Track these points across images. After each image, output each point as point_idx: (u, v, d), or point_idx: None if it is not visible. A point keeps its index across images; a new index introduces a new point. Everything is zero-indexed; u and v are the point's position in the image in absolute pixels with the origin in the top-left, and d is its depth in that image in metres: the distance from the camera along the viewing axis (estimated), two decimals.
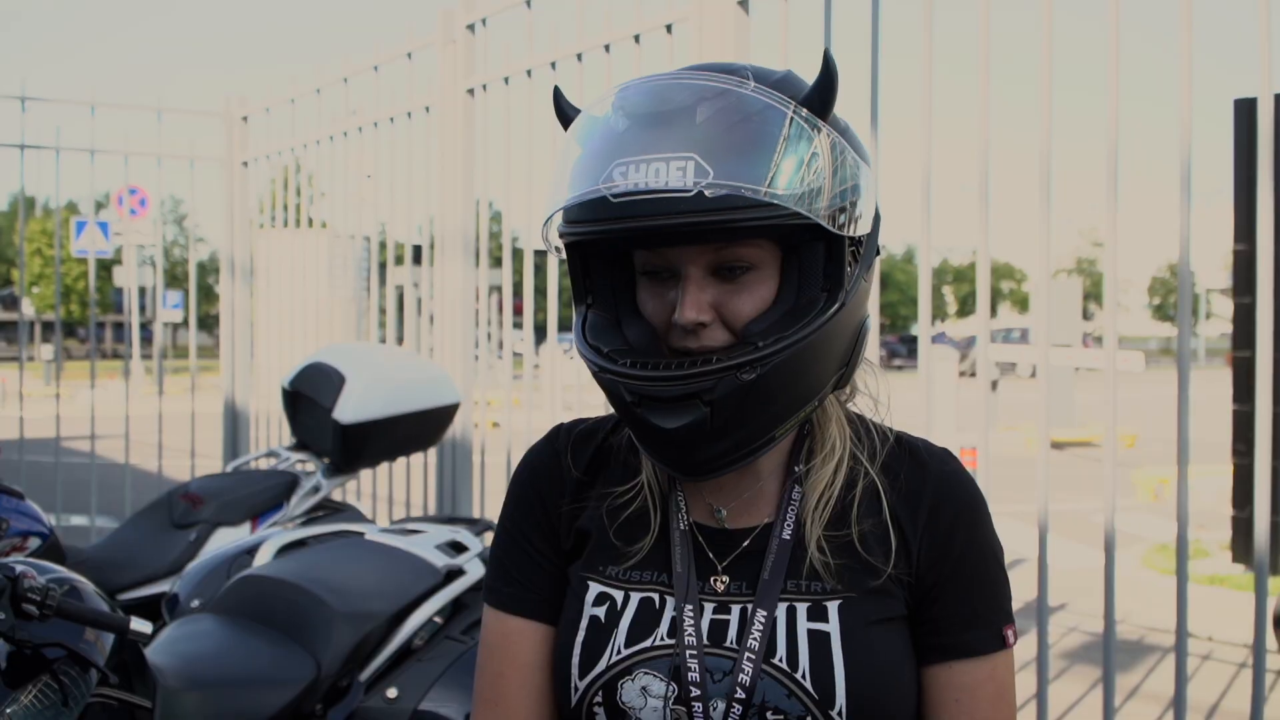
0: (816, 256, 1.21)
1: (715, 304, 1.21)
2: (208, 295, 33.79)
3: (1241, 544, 7.25)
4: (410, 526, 3.10)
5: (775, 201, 1.13)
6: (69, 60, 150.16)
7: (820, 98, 1.20)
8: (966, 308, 64.10)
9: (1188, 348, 2.53)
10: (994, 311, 62.96)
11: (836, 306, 1.20)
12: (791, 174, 1.15)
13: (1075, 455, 15.27)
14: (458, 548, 2.95)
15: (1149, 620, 6.41)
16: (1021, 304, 65.51)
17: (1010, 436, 15.77)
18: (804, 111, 1.18)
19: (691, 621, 1.26)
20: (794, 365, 1.19)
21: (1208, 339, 62.98)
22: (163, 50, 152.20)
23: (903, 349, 44.93)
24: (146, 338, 27.13)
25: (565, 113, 1.30)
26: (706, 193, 1.11)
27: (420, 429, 3.80)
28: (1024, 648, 5.63)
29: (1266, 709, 2.43)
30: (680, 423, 1.18)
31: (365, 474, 4.93)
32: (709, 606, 1.28)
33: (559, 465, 1.41)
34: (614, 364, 1.21)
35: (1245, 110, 6.53)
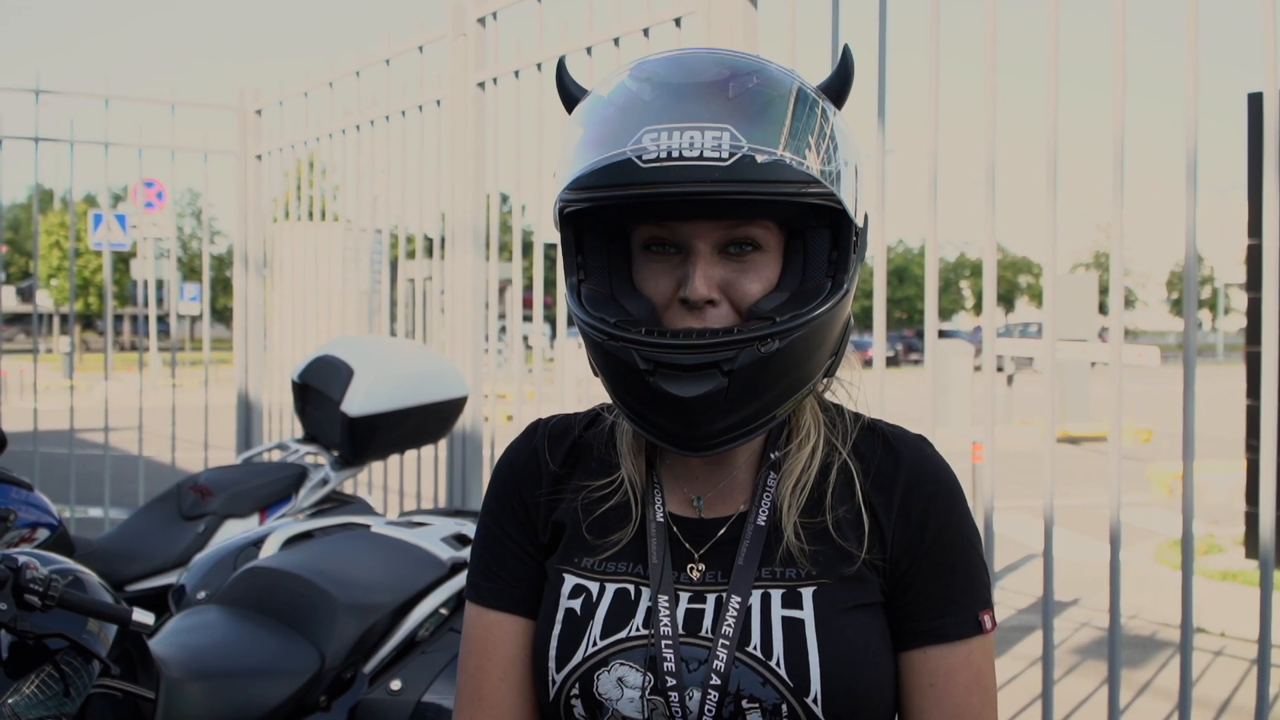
0: (823, 242, 1.23)
1: (722, 283, 1.21)
2: (225, 288, 33.83)
3: (1255, 539, 7.22)
4: (416, 519, 3.10)
5: (816, 178, 1.15)
6: (78, 50, 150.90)
7: (837, 88, 1.23)
8: (983, 302, 63.68)
9: (1193, 341, 2.52)
10: (1012, 305, 63.32)
11: (843, 292, 1.22)
12: (820, 155, 1.17)
13: (1091, 450, 15.20)
14: (463, 540, 2.95)
15: (1161, 615, 6.37)
16: (1039, 298, 65.10)
17: (1025, 431, 15.72)
18: (826, 99, 1.21)
19: (667, 611, 1.25)
20: (805, 344, 1.20)
21: (1227, 334, 62.57)
22: (174, 42, 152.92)
23: (920, 343, 44.86)
24: (164, 330, 27.21)
25: (567, 87, 1.30)
26: (758, 159, 1.12)
27: (428, 422, 3.80)
28: (1032, 644, 5.62)
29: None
30: (698, 391, 1.17)
31: (375, 466, 4.94)
32: (684, 596, 1.27)
33: (536, 460, 1.40)
34: (627, 332, 1.20)
35: (1258, 104, 6.49)
